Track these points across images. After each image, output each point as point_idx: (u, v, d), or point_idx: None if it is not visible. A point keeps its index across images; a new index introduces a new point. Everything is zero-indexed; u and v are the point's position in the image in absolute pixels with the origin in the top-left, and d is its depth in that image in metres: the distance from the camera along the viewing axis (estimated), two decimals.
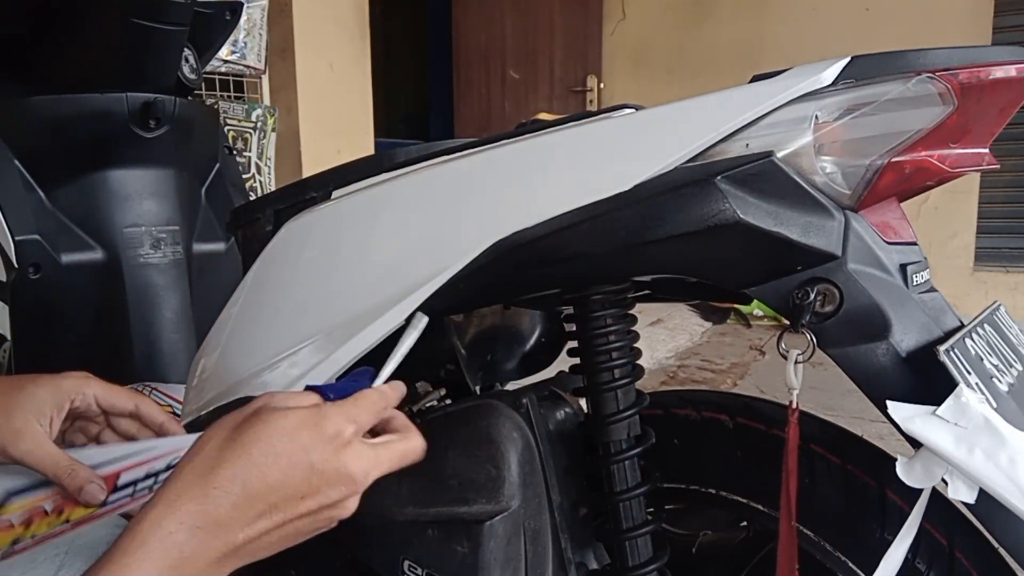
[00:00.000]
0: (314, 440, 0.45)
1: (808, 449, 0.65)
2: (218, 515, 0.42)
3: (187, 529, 0.41)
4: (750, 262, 0.57)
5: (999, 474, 0.47)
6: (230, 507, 0.42)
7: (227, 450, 0.44)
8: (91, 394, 0.60)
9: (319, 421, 0.45)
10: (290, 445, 0.44)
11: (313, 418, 0.45)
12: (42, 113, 1.11)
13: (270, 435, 0.44)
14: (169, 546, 0.41)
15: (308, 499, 0.45)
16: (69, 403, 0.60)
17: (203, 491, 0.42)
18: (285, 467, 0.43)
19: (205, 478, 0.43)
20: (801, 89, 0.52)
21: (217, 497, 0.42)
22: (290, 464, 0.44)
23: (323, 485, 0.45)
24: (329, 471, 0.45)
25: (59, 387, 0.60)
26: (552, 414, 0.72)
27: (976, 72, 0.51)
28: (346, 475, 0.46)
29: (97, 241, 1.14)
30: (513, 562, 0.66)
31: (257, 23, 3.03)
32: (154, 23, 1.10)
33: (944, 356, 0.51)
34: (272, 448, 0.44)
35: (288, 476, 0.44)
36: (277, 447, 0.44)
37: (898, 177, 0.54)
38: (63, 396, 0.59)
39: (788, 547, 0.58)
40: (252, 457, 0.43)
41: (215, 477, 0.43)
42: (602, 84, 4.71)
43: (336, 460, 0.45)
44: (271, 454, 0.43)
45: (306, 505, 0.45)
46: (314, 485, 0.44)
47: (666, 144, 0.54)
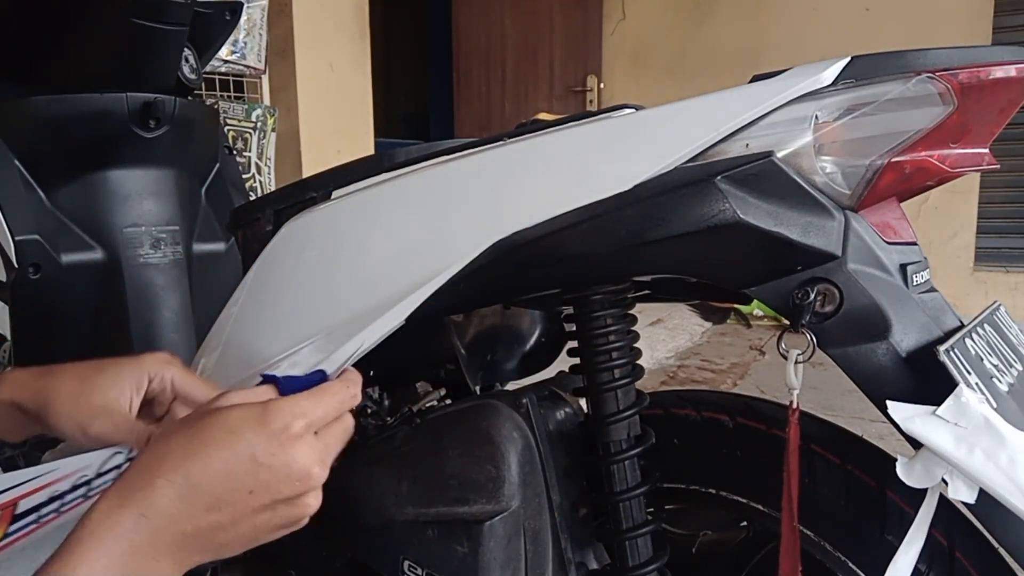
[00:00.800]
0: (257, 435, 0.45)
1: (808, 449, 0.65)
2: (163, 505, 0.42)
3: (134, 518, 0.42)
4: (750, 262, 0.57)
5: (999, 474, 0.47)
6: (175, 497, 0.43)
7: (173, 443, 0.45)
8: (169, 378, 0.61)
9: (264, 415, 0.45)
10: (231, 438, 0.44)
11: (259, 413, 0.46)
12: (42, 113, 1.11)
13: (213, 429, 0.45)
14: (118, 534, 0.42)
15: (258, 494, 0.45)
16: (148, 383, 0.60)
17: (148, 481, 0.43)
18: (227, 460, 0.44)
19: (150, 469, 0.43)
20: (801, 89, 0.52)
21: (161, 487, 0.43)
22: (232, 457, 0.44)
23: (272, 480, 0.45)
24: (276, 466, 0.45)
25: (140, 367, 0.60)
26: (552, 414, 0.72)
27: (976, 72, 0.51)
28: (296, 470, 0.45)
29: (97, 241, 1.14)
30: (513, 562, 0.66)
31: (257, 23, 3.03)
32: (154, 23, 1.09)
33: (944, 356, 0.51)
34: (213, 440, 0.44)
35: (231, 469, 0.44)
36: (219, 440, 0.44)
37: (898, 177, 0.54)
38: (143, 376, 0.60)
39: (790, 548, 0.58)
40: (194, 449, 0.44)
41: (160, 468, 0.43)
42: (602, 84, 4.71)
43: (283, 455, 0.45)
44: (212, 446, 0.44)
45: (257, 500, 0.45)
46: (262, 480, 0.44)
47: (666, 144, 0.54)
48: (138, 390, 0.60)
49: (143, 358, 0.61)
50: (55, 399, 0.57)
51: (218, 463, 0.44)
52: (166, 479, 0.43)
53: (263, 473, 0.44)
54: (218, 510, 0.44)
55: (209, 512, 0.44)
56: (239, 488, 0.44)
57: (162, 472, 0.43)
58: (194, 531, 0.44)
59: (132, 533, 0.42)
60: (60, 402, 0.57)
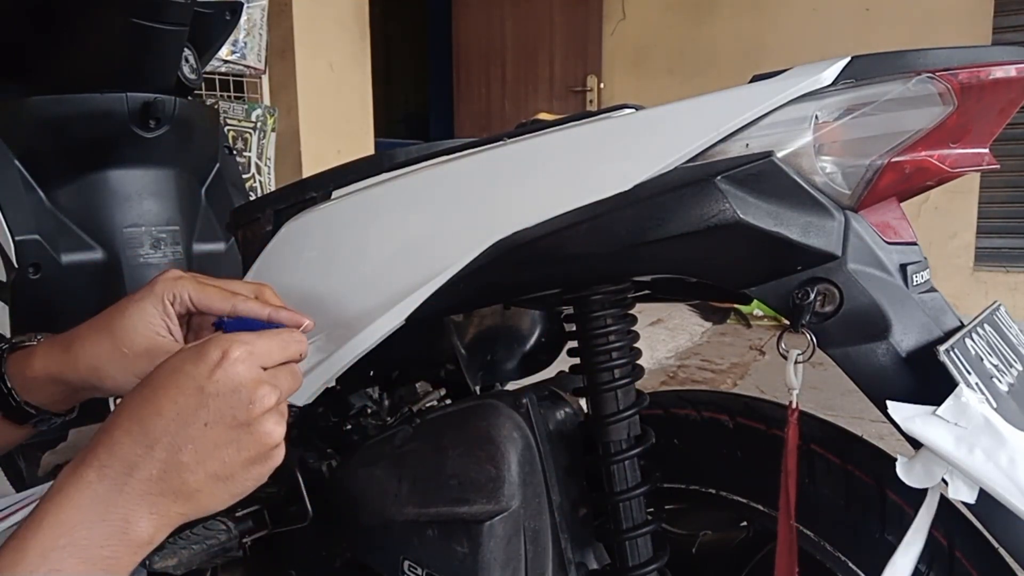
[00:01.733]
0: (198, 366, 0.45)
1: (808, 449, 0.65)
2: (122, 453, 0.44)
3: (96, 469, 0.43)
4: (750, 262, 0.57)
5: (999, 474, 0.47)
6: (132, 443, 0.44)
7: (127, 399, 0.46)
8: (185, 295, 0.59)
9: (202, 347, 0.46)
10: (176, 375, 0.45)
11: (198, 348, 0.46)
12: (42, 113, 1.11)
13: (159, 374, 0.46)
14: (82, 486, 0.43)
15: (213, 425, 0.45)
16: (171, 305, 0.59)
17: (107, 436, 0.44)
18: (175, 397, 0.44)
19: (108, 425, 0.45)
20: (801, 89, 0.52)
21: (118, 437, 0.44)
22: (179, 394, 0.45)
23: (223, 406, 0.45)
24: (223, 392, 0.45)
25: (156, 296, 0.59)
26: (552, 414, 0.72)
27: (976, 72, 0.51)
28: (244, 393, 0.45)
29: (97, 241, 1.14)
30: (513, 562, 0.66)
31: (257, 23, 3.03)
32: (154, 23, 1.09)
33: (944, 356, 0.51)
34: (160, 383, 0.45)
35: (180, 406, 0.44)
36: (165, 381, 0.45)
37: (898, 177, 0.54)
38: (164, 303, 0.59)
39: (787, 547, 0.58)
40: (144, 396, 0.45)
41: (116, 421, 0.45)
42: (602, 84, 4.71)
43: (226, 379, 0.45)
44: (159, 388, 0.45)
45: (214, 431, 0.45)
46: (213, 409, 0.45)
47: (666, 144, 0.54)
48: (168, 316, 0.59)
49: (154, 285, 0.59)
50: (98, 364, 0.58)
51: (167, 403, 0.44)
52: (122, 429, 0.44)
53: (212, 401, 0.45)
54: (179, 449, 0.44)
55: (170, 453, 0.44)
56: (193, 422, 0.44)
57: (118, 424, 0.45)
58: (159, 475, 0.44)
59: (96, 483, 0.43)
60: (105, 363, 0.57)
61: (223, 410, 0.45)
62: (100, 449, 0.44)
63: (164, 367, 0.47)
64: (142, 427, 0.44)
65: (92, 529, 0.43)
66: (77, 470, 0.44)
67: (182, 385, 0.45)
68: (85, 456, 0.45)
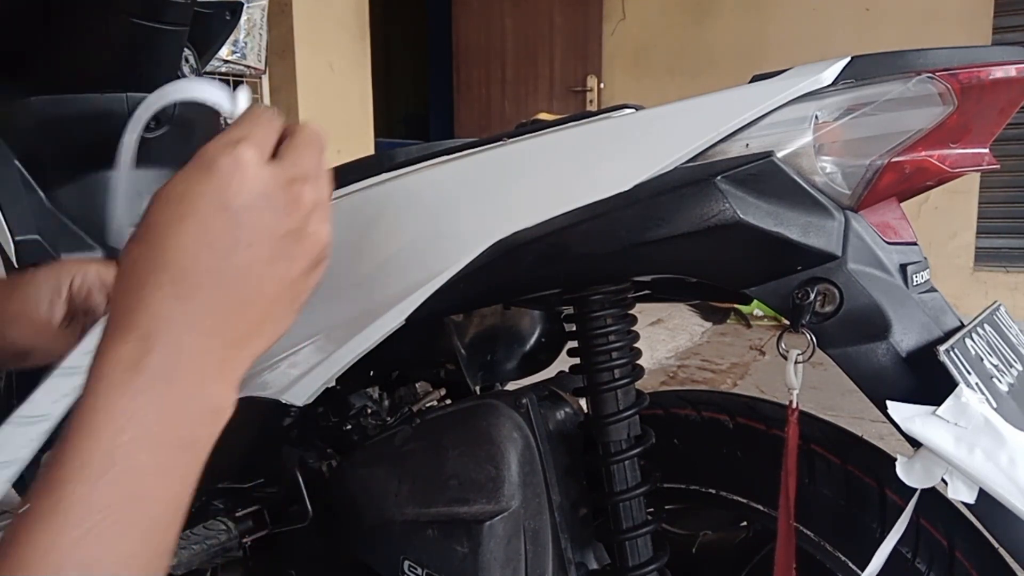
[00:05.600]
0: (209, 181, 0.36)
1: (808, 449, 0.65)
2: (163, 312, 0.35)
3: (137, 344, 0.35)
4: (750, 262, 0.57)
5: (999, 474, 0.47)
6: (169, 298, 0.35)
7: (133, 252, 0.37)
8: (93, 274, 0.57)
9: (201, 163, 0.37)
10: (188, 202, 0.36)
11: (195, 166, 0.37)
12: (42, 113, 1.11)
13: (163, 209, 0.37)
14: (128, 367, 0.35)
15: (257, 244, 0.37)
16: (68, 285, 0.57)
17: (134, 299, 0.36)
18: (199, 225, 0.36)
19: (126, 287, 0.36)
20: (801, 89, 0.52)
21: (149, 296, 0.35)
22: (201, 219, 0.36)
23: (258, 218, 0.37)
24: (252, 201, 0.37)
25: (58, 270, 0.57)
26: (552, 414, 0.72)
27: (976, 72, 0.51)
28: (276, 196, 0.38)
29: (97, 241, 1.14)
30: (513, 562, 0.66)
31: (257, 23, 3.03)
32: (154, 23, 1.09)
33: (944, 356, 0.51)
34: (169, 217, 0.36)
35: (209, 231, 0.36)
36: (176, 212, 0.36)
37: (898, 177, 0.54)
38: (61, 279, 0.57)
39: (786, 547, 0.58)
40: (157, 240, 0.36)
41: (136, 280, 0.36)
42: (602, 84, 4.71)
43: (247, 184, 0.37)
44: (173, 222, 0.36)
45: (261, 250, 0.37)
46: (248, 224, 0.37)
47: (666, 144, 0.54)
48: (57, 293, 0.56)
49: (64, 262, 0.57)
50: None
51: (194, 236, 0.36)
52: (150, 286, 0.35)
53: (245, 217, 0.37)
54: (229, 285, 0.36)
55: (221, 292, 0.36)
56: (233, 248, 0.36)
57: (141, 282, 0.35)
58: (217, 323, 0.36)
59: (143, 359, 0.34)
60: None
61: (262, 223, 0.37)
62: (132, 318, 0.35)
63: (163, 202, 0.37)
64: (174, 274, 0.35)
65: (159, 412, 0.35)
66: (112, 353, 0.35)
67: (202, 210, 0.36)
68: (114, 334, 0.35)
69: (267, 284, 0.38)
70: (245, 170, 0.37)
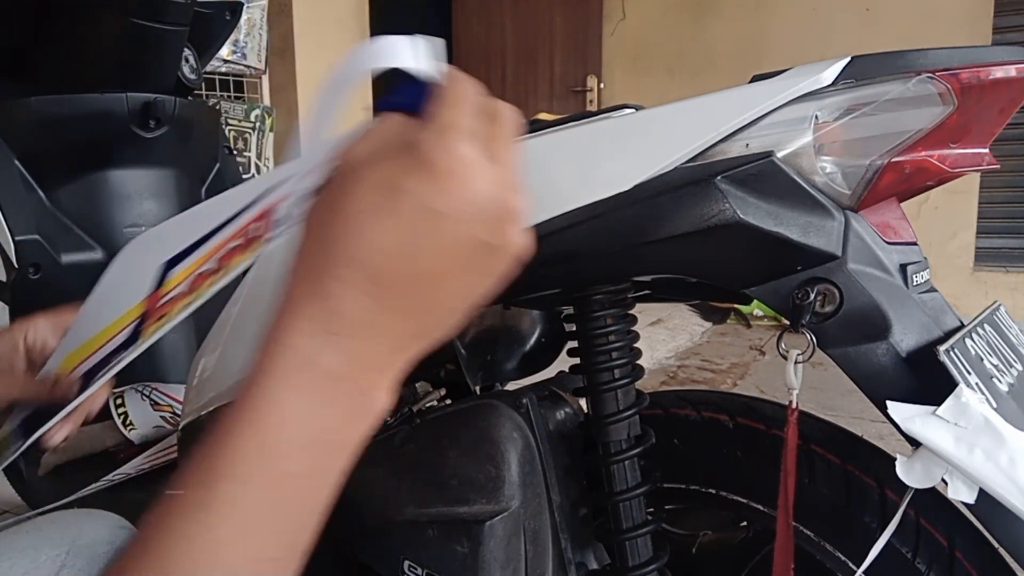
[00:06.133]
0: (423, 180, 0.33)
1: (808, 449, 0.65)
2: (347, 311, 0.33)
3: (316, 338, 0.33)
4: (750, 262, 0.57)
5: (999, 474, 0.47)
6: (354, 298, 0.33)
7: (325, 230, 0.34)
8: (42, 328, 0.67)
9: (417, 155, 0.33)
10: (395, 197, 0.33)
11: (408, 155, 0.33)
12: (42, 113, 1.11)
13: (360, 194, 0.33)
14: (303, 363, 0.33)
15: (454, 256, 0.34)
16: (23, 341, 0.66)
17: (316, 290, 0.33)
18: (400, 225, 0.33)
19: (313, 273, 0.34)
20: (801, 89, 0.52)
21: (334, 289, 0.33)
22: (404, 219, 0.33)
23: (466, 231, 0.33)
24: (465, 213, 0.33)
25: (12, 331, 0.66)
26: (552, 414, 0.72)
27: (976, 72, 0.51)
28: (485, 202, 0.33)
29: (97, 241, 1.14)
30: (513, 562, 0.66)
31: (257, 23, 3.03)
32: (154, 23, 1.10)
33: (944, 356, 0.51)
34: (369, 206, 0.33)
35: (407, 233, 0.33)
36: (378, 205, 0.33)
37: (898, 177, 0.54)
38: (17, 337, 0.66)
39: (785, 546, 0.58)
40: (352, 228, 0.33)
41: (323, 268, 0.33)
42: (602, 84, 4.71)
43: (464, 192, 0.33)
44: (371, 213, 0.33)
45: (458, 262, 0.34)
46: (451, 235, 0.33)
47: (666, 144, 0.54)
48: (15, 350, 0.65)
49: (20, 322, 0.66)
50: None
51: (389, 239, 0.32)
52: (335, 278, 0.33)
53: (446, 225, 0.33)
54: (417, 294, 0.34)
55: (406, 300, 0.34)
56: (424, 253, 0.33)
57: (327, 272, 0.33)
58: (398, 330, 0.34)
59: (319, 357, 0.33)
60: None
61: (468, 233, 0.33)
62: (315, 309, 0.33)
63: (362, 186, 0.33)
64: (367, 273, 0.33)
65: (322, 413, 0.33)
66: (290, 342, 0.33)
67: (407, 211, 0.32)
68: (293, 323, 0.33)
69: (453, 294, 0.35)
70: (464, 175, 0.33)
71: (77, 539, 0.65)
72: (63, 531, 0.65)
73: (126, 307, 0.58)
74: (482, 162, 0.34)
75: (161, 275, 0.55)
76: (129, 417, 1.08)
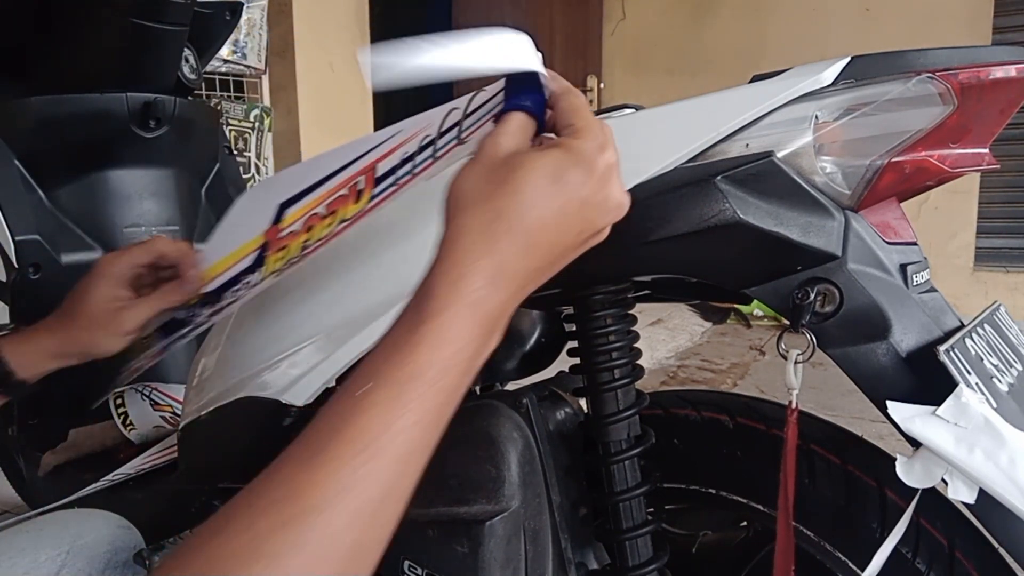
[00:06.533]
0: (586, 179, 0.44)
1: (808, 449, 0.65)
2: (505, 264, 0.42)
3: (486, 285, 0.41)
4: (750, 262, 0.57)
5: (999, 474, 0.47)
6: (515, 256, 0.42)
7: (498, 201, 0.43)
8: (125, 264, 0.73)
9: (583, 158, 0.44)
10: (558, 187, 0.43)
11: (577, 155, 0.44)
12: (42, 113, 1.11)
13: (534, 181, 0.43)
14: (473, 301, 0.41)
15: (584, 232, 0.45)
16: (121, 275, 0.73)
17: (489, 247, 0.42)
18: (561, 207, 0.43)
19: (487, 233, 0.42)
20: (801, 89, 0.52)
21: (503, 249, 0.42)
22: (564, 203, 0.43)
23: (595, 215, 0.45)
24: (599, 202, 0.45)
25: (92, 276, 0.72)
26: (552, 414, 0.72)
27: (976, 72, 0.51)
28: (613, 203, 0.46)
29: (97, 241, 1.14)
30: (513, 562, 0.66)
31: (257, 23, 3.03)
32: (154, 23, 1.10)
33: (944, 356, 0.51)
34: (541, 192, 0.43)
35: (563, 214, 0.43)
36: (546, 190, 0.43)
37: (898, 177, 0.54)
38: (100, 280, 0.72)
39: (785, 546, 0.58)
40: (525, 204, 0.42)
41: (496, 230, 0.42)
42: (602, 84, 4.71)
43: (605, 188, 0.45)
44: (541, 197, 0.42)
45: (581, 236, 0.45)
46: (588, 218, 0.45)
47: (666, 144, 0.54)
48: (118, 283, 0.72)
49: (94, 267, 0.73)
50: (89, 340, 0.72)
51: (552, 214, 0.43)
52: (508, 240, 0.42)
53: (589, 212, 0.44)
54: (549, 257, 0.44)
55: (543, 262, 0.44)
56: (570, 231, 0.44)
57: (501, 234, 0.42)
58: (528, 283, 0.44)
59: (485, 299, 0.41)
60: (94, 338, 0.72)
61: (594, 219, 0.45)
62: (484, 260, 0.42)
63: (537, 174, 0.43)
64: (527, 240, 0.42)
65: (476, 346, 0.42)
66: (461, 282, 0.41)
67: (568, 197, 0.43)
68: (466, 264, 0.42)
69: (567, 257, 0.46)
70: (609, 178, 0.45)
71: (77, 539, 0.65)
72: (63, 531, 0.65)
73: (249, 237, 0.67)
74: (617, 168, 0.46)
75: (277, 213, 0.63)
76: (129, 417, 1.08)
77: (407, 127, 0.54)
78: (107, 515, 0.71)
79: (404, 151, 0.54)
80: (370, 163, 0.56)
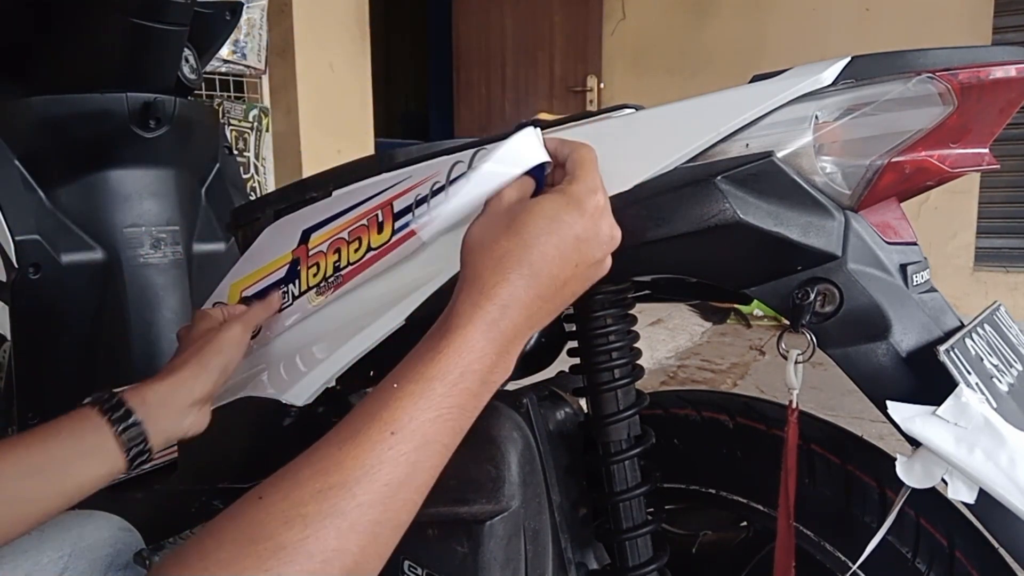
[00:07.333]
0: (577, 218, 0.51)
1: (808, 449, 0.65)
2: (518, 295, 0.48)
3: (499, 308, 0.48)
4: (750, 262, 0.57)
5: (999, 474, 0.47)
6: (525, 286, 0.49)
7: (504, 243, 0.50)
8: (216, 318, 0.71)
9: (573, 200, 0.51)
10: (555, 224, 0.50)
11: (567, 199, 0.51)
12: (42, 113, 1.11)
13: (536, 221, 0.50)
14: (489, 321, 0.47)
15: (580, 264, 0.51)
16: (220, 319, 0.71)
17: (500, 278, 0.48)
18: (557, 244, 0.50)
19: (498, 268, 0.49)
20: (801, 89, 0.52)
21: (514, 280, 0.48)
22: (560, 240, 0.50)
23: (589, 249, 0.52)
24: (591, 237, 0.51)
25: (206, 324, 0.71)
26: (552, 414, 0.72)
27: (976, 72, 0.51)
28: (604, 237, 0.52)
29: (97, 241, 1.14)
30: (513, 562, 0.66)
31: (257, 23, 3.03)
32: (154, 23, 1.09)
33: (944, 356, 0.51)
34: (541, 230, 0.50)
35: (562, 251, 0.50)
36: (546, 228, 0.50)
37: (898, 177, 0.54)
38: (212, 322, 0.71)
39: (786, 546, 0.58)
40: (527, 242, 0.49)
41: (506, 265, 0.49)
42: (602, 84, 4.71)
43: (595, 227, 0.52)
44: (542, 235, 0.49)
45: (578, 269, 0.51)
46: (583, 252, 0.51)
47: (666, 144, 0.54)
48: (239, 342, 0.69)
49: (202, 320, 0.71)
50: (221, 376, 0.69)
51: (551, 248, 0.49)
52: (516, 272, 0.48)
53: (583, 246, 0.51)
54: (554, 291, 0.50)
55: (549, 294, 0.50)
56: (566, 265, 0.50)
57: (510, 267, 0.49)
58: (537, 309, 0.50)
59: (499, 321, 0.48)
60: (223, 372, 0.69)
61: (589, 252, 0.51)
62: (499, 288, 0.48)
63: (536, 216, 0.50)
64: (532, 271, 0.49)
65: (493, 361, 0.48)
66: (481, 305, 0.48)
67: (563, 234, 0.50)
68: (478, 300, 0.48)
69: (571, 289, 0.52)
70: (599, 217, 0.52)
71: (79, 541, 0.65)
72: (65, 533, 0.65)
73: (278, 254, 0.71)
74: (607, 208, 0.53)
75: (303, 236, 0.69)
76: None
77: (417, 173, 0.62)
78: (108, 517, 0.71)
79: (417, 193, 0.61)
80: (387, 199, 0.63)
